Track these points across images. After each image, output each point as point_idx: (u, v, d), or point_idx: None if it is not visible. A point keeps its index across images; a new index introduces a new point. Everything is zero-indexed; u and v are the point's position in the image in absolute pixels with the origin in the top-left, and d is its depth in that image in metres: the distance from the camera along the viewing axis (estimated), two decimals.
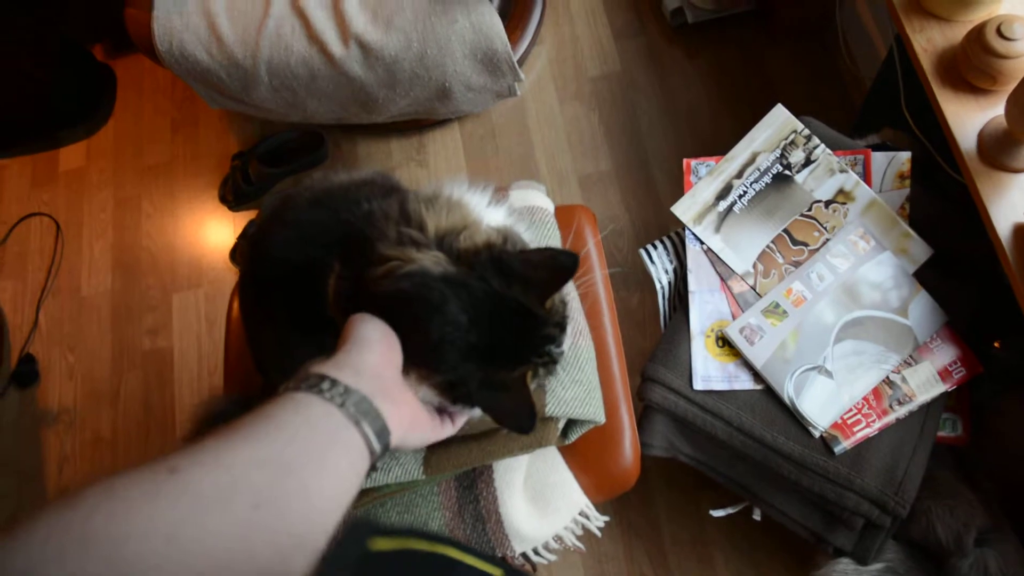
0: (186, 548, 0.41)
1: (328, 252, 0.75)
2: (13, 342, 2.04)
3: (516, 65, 1.51)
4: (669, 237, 1.24)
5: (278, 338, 0.86)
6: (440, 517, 1.05)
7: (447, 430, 0.71)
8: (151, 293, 2.02)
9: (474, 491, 1.04)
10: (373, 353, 0.61)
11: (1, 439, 1.94)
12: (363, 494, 1.04)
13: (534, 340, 0.69)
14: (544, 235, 1.10)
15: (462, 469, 1.03)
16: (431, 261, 0.66)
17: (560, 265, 0.68)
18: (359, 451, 0.54)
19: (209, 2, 1.50)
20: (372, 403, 0.56)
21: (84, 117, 2.27)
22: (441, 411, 0.71)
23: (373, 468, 0.56)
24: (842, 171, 1.15)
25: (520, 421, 0.68)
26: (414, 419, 0.64)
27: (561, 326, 0.72)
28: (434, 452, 1.01)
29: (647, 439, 1.15)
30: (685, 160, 1.23)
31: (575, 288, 1.09)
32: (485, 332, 0.65)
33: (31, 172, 2.27)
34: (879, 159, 1.15)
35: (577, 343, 1.05)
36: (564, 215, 1.18)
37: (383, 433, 0.56)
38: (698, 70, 1.91)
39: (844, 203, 1.15)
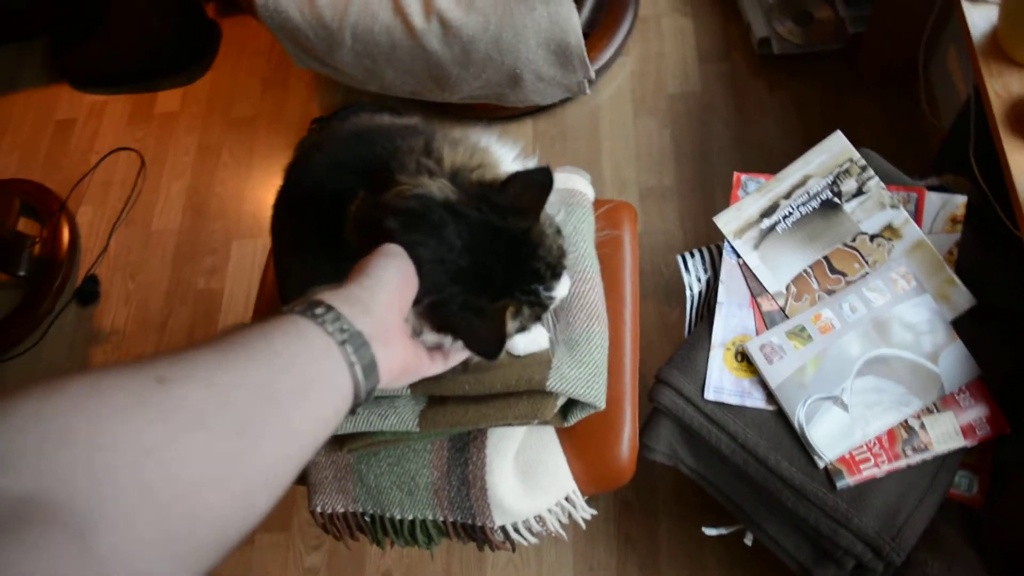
0: (161, 466, 0.39)
1: (357, 181, 0.78)
2: (82, 262, 2.15)
3: (587, 62, 1.53)
4: (708, 248, 1.24)
5: (302, 262, 0.89)
6: (428, 475, 1.07)
7: (437, 366, 0.71)
8: (214, 237, 2.10)
9: (465, 454, 1.05)
10: (386, 293, 0.60)
11: (54, 350, 2.04)
12: (357, 439, 1.06)
13: (523, 274, 0.70)
14: (578, 219, 1.11)
15: (457, 430, 1.04)
16: (437, 187, 0.68)
17: (537, 182, 0.69)
18: (344, 396, 0.53)
19: None
20: (370, 348, 0.55)
21: (187, 66, 2.40)
22: (435, 350, 0.72)
23: (351, 412, 0.56)
24: (893, 206, 1.13)
25: (488, 347, 0.68)
26: (406, 366, 0.64)
27: (554, 270, 0.72)
28: (431, 407, 1.03)
29: (650, 442, 1.14)
30: (736, 173, 1.22)
31: (598, 273, 1.10)
32: (475, 258, 0.67)
33: (130, 110, 2.40)
34: (933, 200, 1.12)
35: (591, 327, 1.05)
36: (604, 206, 1.19)
37: (372, 380, 0.56)
38: (777, 102, 1.89)
39: (890, 239, 1.12)
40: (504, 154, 0.80)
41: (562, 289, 0.75)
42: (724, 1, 2.05)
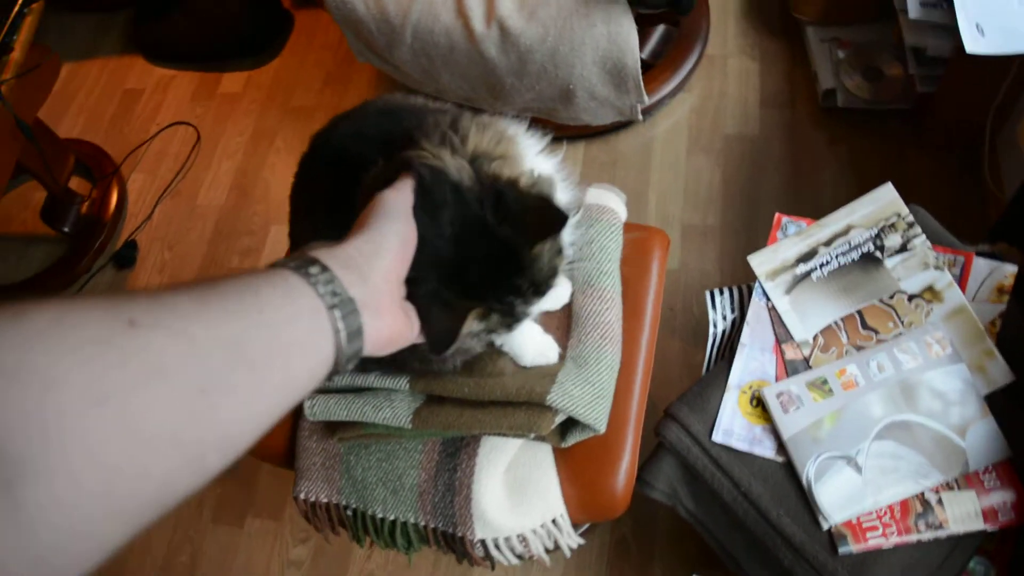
0: (115, 416, 0.36)
1: (378, 152, 0.76)
2: (125, 227, 2.19)
3: (642, 86, 1.51)
4: (738, 287, 1.19)
5: (314, 229, 0.87)
6: (415, 476, 1.04)
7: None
8: (254, 219, 2.12)
9: (455, 459, 1.02)
10: (385, 260, 0.58)
11: None
12: (349, 428, 1.03)
13: (500, 283, 0.67)
14: (606, 237, 1.08)
15: (450, 432, 1.01)
16: (455, 167, 0.66)
17: (550, 218, 0.66)
18: (324, 361, 0.51)
19: None
20: (359, 316, 0.53)
21: (256, 52, 2.45)
22: None
23: (328, 379, 0.53)
24: (937, 268, 1.07)
25: (436, 340, 0.65)
26: (393, 335, 0.61)
27: (537, 288, 0.70)
28: (427, 406, 1.00)
29: (650, 479, 1.09)
30: (778, 214, 1.18)
31: (619, 294, 1.06)
32: (459, 251, 0.64)
33: (195, 87, 2.45)
34: (980, 266, 1.06)
35: (603, 346, 1.01)
36: (637, 231, 1.16)
37: (355, 348, 0.54)
38: (834, 155, 1.84)
39: (930, 301, 1.06)
40: (530, 147, 0.78)
41: (543, 305, 0.73)
42: (793, 49, 2.02)
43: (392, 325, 0.60)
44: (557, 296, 1.07)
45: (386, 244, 0.59)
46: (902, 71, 1.74)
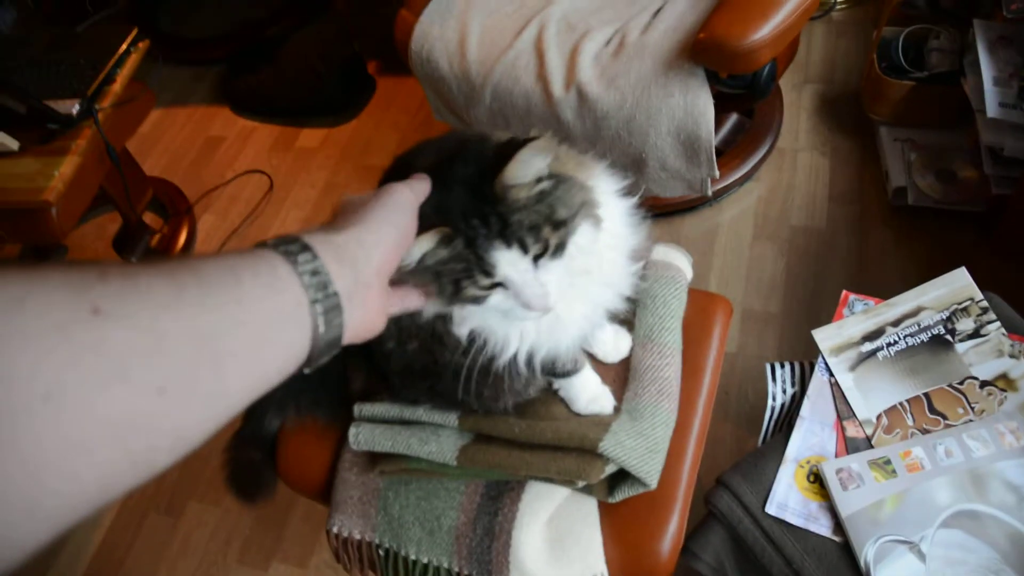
0: (56, 417, 0.34)
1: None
2: None
3: (714, 159, 1.52)
4: (799, 362, 1.16)
5: None
6: (454, 517, 1.01)
7: (392, 308, 0.66)
8: None
9: (497, 503, 0.99)
10: (380, 253, 0.57)
11: None
12: (392, 460, 1.02)
13: (468, 206, 0.66)
14: (670, 293, 1.07)
15: (495, 474, 0.99)
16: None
17: (512, 149, 0.64)
18: (296, 356, 0.49)
19: (468, 23, 1.65)
20: (342, 313, 0.51)
21: (337, 111, 2.56)
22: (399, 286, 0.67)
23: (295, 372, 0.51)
24: (1012, 356, 1.03)
25: None
26: (370, 326, 0.58)
27: (507, 226, 0.65)
28: (475, 443, 0.98)
29: (697, 549, 1.05)
30: (845, 291, 1.16)
31: (679, 352, 1.04)
32: (451, 186, 0.66)
33: (274, 139, 2.56)
34: None
35: (659, 402, 0.99)
36: (700, 296, 1.14)
37: (331, 349, 0.52)
38: (903, 253, 1.81)
39: (1004, 390, 1.02)
40: (604, 179, 0.78)
41: (520, 267, 0.67)
42: (864, 147, 2.02)
43: (374, 314, 0.58)
44: (617, 348, 1.06)
45: (385, 237, 0.57)
46: (976, 174, 1.73)
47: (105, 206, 2.22)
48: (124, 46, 1.78)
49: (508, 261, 0.66)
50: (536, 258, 0.67)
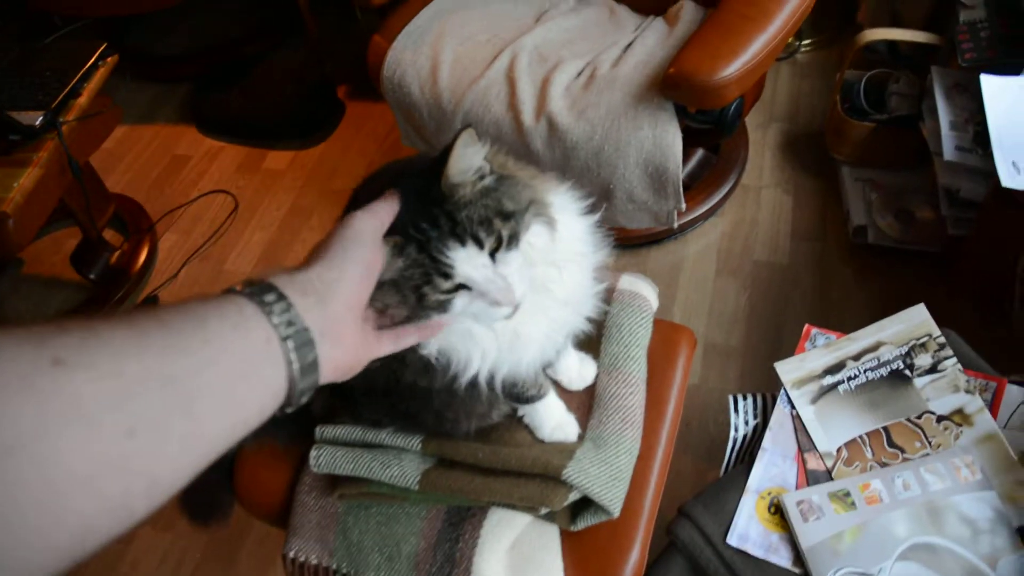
0: (22, 465, 0.34)
1: None
2: (149, 283, 2.21)
3: (681, 192, 1.54)
4: (762, 395, 1.17)
5: None
6: (414, 544, 0.99)
7: (385, 347, 0.65)
8: None
9: (458, 530, 0.98)
10: (346, 287, 0.56)
11: None
12: (352, 484, 1.00)
13: (418, 212, 0.65)
14: (635, 322, 1.08)
15: (457, 499, 0.98)
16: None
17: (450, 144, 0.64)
18: (275, 394, 0.49)
19: (441, 51, 1.66)
20: (315, 348, 0.51)
21: (305, 134, 2.54)
22: (387, 328, 0.66)
23: (280, 412, 0.51)
24: (968, 391, 1.05)
25: None
26: (353, 362, 0.59)
27: (456, 224, 0.64)
28: (437, 468, 0.97)
29: None
30: (807, 325, 1.18)
31: (643, 381, 1.05)
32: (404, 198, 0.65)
33: (241, 160, 2.53)
34: (1013, 393, 1.04)
35: (624, 430, 0.99)
36: (665, 326, 1.15)
37: (310, 382, 0.52)
38: (863, 291, 1.85)
39: (959, 425, 1.04)
40: (562, 194, 0.78)
41: (478, 265, 0.66)
42: (827, 186, 2.07)
43: (353, 351, 0.58)
44: (582, 375, 1.06)
45: (348, 271, 0.57)
46: (934, 215, 1.78)
47: (64, 221, 2.18)
48: (92, 60, 1.76)
49: (465, 259, 0.65)
50: (492, 253, 0.66)
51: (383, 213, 0.63)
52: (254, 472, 1.12)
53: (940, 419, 1.05)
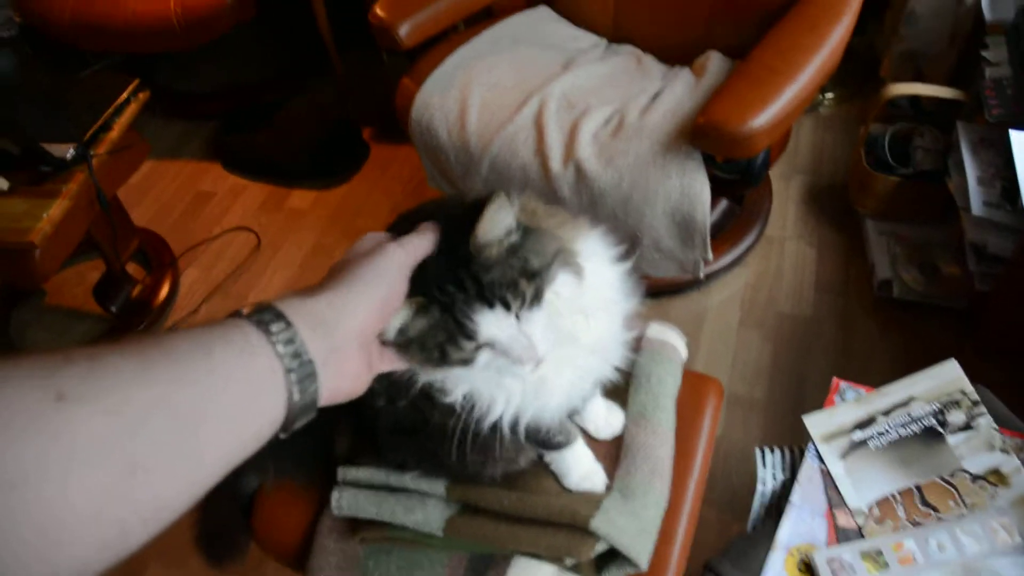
0: (26, 503, 0.34)
1: None
2: (170, 317, 2.21)
3: (708, 241, 1.54)
4: (790, 448, 1.15)
5: None
6: None
7: (386, 364, 0.65)
8: None
9: None
10: (357, 320, 0.56)
11: None
12: (374, 528, 0.99)
13: (443, 274, 0.63)
14: (665, 371, 1.07)
15: (482, 547, 0.96)
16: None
17: (481, 203, 0.63)
18: (272, 422, 0.49)
19: (469, 94, 1.68)
20: (317, 380, 0.51)
21: (329, 175, 2.57)
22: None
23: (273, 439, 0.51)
24: (1003, 451, 1.03)
25: None
26: (350, 390, 0.58)
27: (483, 287, 0.63)
28: (462, 515, 0.96)
29: None
30: (836, 379, 1.16)
31: (672, 431, 1.03)
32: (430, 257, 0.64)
33: (264, 198, 2.56)
34: None
35: (652, 482, 0.98)
36: (693, 376, 1.14)
37: (306, 416, 0.52)
38: (887, 345, 1.83)
39: (995, 484, 1.02)
40: (594, 239, 0.78)
41: (503, 325, 0.64)
42: (851, 238, 2.07)
43: (352, 379, 0.58)
44: (609, 423, 1.04)
45: (363, 304, 0.56)
46: (959, 270, 1.76)
47: (88, 253, 2.19)
48: (124, 95, 1.79)
49: (491, 322, 0.64)
50: (516, 313, 0.66)
51: (414, 248, 0.62)
52: (273, 511, 1.10)
53: (975, 478, 1.03)
